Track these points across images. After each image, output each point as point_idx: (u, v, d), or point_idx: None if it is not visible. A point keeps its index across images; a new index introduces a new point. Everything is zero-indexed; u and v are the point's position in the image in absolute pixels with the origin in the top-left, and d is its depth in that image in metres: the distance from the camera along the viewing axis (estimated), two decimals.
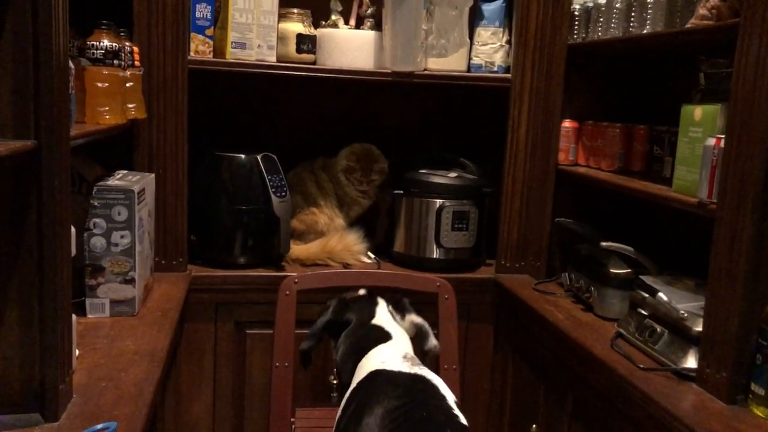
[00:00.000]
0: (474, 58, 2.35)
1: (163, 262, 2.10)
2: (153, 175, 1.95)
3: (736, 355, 1.37)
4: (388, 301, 1.64)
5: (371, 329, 1.51)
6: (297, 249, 2.30)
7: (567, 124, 2.22)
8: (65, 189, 1.18)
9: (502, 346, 2.27)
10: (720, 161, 1.43)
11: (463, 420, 1.21)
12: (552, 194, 2.25)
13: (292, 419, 1.93)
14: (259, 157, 2.19)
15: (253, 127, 2.49)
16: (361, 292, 1.74)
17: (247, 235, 2.22)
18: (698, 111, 1.59)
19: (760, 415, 1.34)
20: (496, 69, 2.33)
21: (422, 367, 1.35)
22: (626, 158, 2.06)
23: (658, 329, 1.61)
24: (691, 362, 1.49)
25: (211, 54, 2.13)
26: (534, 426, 1.94)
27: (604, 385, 1.61)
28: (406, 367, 1.33)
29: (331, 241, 2.33)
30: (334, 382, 2.23)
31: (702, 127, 1.57)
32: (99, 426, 1.11)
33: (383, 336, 1.46)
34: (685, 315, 1.53)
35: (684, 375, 1.49)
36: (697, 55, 1.78)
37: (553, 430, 1.87)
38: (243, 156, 2.20)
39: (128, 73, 1.77)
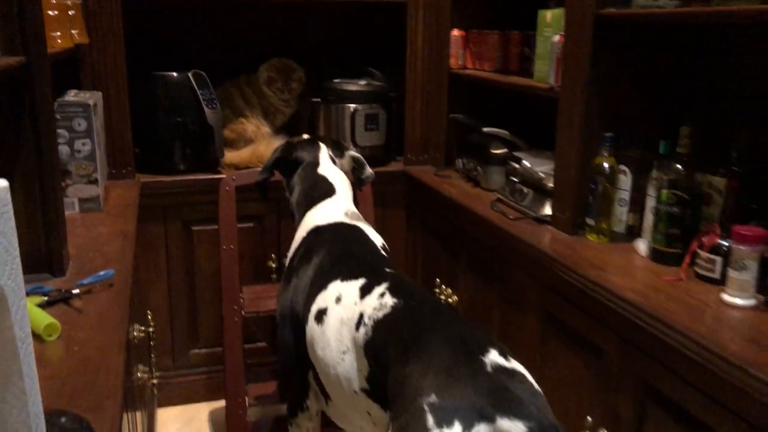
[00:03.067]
0: None
1: (113, 171, 2.40)
2: (100, 93, 2.23)
3: (576, 198, 1.85)
4: (328, 145, 1.93)
5: (318, 181, 1.80)
6: (230, 155, 2.64)
7: (456, 33, 2.60)
8: (49, 95, 1.48)
9: (413, 225, 2.72)
10: (561, 54, 1.86)
11: (381, 249, 1.62)
12: (446, 95, 2.66)
13: (240, 294, 2.33)
14: (190, 74, 2.48)
15: (184, 47, 2.76)
16: (305, 136, 2.02)
17: (186, 144, 2.54)
18: (549, 14, 2.01)
19: (592, 239, 1.82)
20: None
21: (359, 220, 1.73)
22: (504, 59, 2.47)
23: (525, 190, 2.07)
24: (547, 210, 1.96)
25: None
26: (437, 280, 2.40)
27: (487, 237, 2.07)
28: (347, 220, 1.71)
29: (260, 147, 2.67)
30: (273, 265, 2.64)
31: (552, 28, 1.98)
32: (101, 273, 1.46)
33: (329, 191, 1.78)
34: (543, 176, 1.99)
35: (542, 220, 1.97)
36: None
37: (453, 280, 2.34)
38: (176, 74, 2.49)
39: (70, 1, 2.02)
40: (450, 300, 2.31)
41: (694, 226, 1.62)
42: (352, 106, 2.65)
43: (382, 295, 1.35)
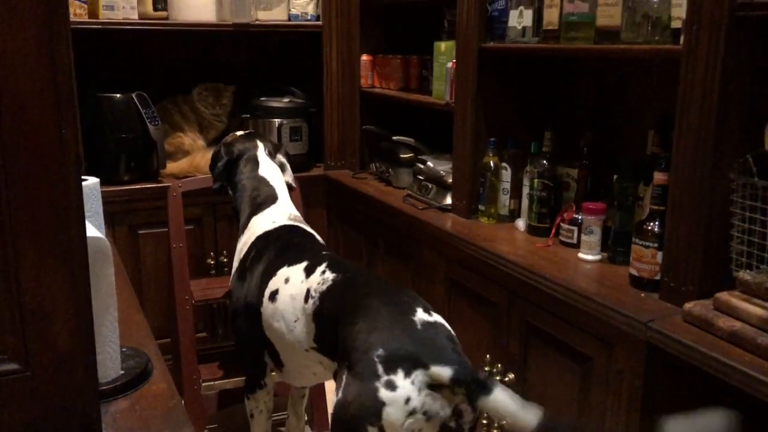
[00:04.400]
0: (292, 9, 3.09)
1: None
2: None
3: (470, 189, 2.34)
4: (265, 143, 2.09)
5: (261, 185, 1.99)
6: (170, 166, 2.96)
7: (365, 57, 3.07)
8: None
9: (333, 222, 3.14)
10: (454, 76, 2.35)
11: (321, 242, 1.94)
12: (359, 109, 3.12)
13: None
14: (134, 96, 2.80)
15: (127, 70, 3.06)
16: (238, 133, 2.15)
17: (130, 158, 2.84)
18: (443, 45, 2.50)
19: (484, 221, 2.32)
20: (309, 17, 3.10)
21: (300, 222, 1.99)
22: (406, 79, 2.95)
23: (429, 186, 2.55)
24: (448, 200, 2.45)
25: (87, 16, 2.67)
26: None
27: (400, 225, 2.53)
28: (290, 222, 1.96)
29: (196, 158, 3.01)
30: (211, 262, 2.98)
31: (445, 56, 2.48)
32: None
33: (272, 196, 1.98)
34: (444, 173, 2.48)
35: (444, 209, 2.45)
36: (443, 7, 2.68)
37: (373, 265, 2.78)
38: (119, 95, 2.80)
39: None
40: None
41: (557, 205, 2.14)
42: (278, 120, 3.05)
43: (323, 272, 1.65)
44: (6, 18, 0.84)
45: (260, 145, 2.09)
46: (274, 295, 1.75)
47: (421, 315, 1.42)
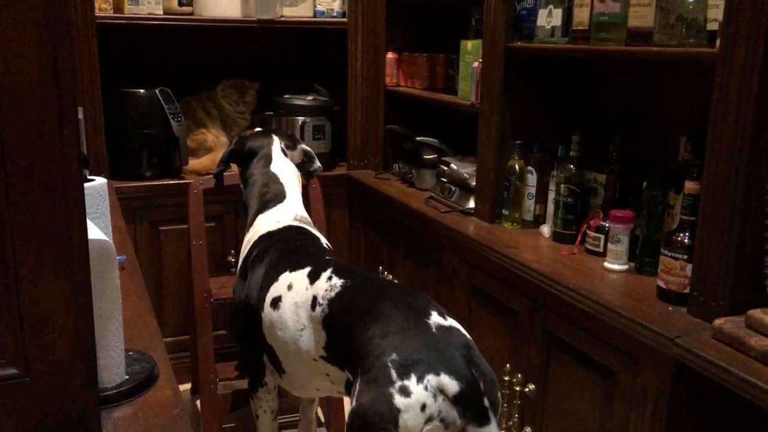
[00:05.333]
0: (318, 6, 3.06)
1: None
2: (82, 108, 2.51)
3: (494, 194, 2.28)
4: (281, 137, 2.03)
5: (271, 182, 1.93)
6: (192, 162, 2.95)
7: (390, 55, 3.02)
8: None
9: (355, 222, 3.11)
10: (480, 76, 2.29)
11: (326, 245, 1.84)
12: (383, 108, 3.07)
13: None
14: (157, 91, 2.79)
15: (150, 66, 3.06)
16: (257, 129, 2.15)
17: (153, 153, 2.84)
18: (469, 44, 2.45)
19: (507, 226, 2.26)
20: (335, 14, 3.06)
21: (307, 224, 1.91)
22: (432, 79, 2.90)
23: (452, 188, 2.49)
24: (471, 204, 2.39)
25: (112, 10, 2.67)
26: (380, 267, 2.80)
27: (422, 228, 2.48)
28: (295, 224, 1.88)
29: (218, 155, 2.97)
30: (232, 260, 2.96)
31: (472, 55, 2.42)
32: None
33: (280, 194, 1.92)
34: (467, 176, 2.42)
35: (467, 212, 2.39)
36: (471, 5, 2.62)
37: (394, 266, 2.74)
38: (143, 90, 2.79)
39: None
40: None
41: (584, 212, 2.08)
42: (301, 118, 3.02)
43: (330, 278, 1.56)
44: (7, 19, 0.82)
45: (275, 140, 2.04)
46: (276, 302, 1.67)
47: (435, 318, 1.37)
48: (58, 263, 0.91)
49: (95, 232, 1.07)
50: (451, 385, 1.26)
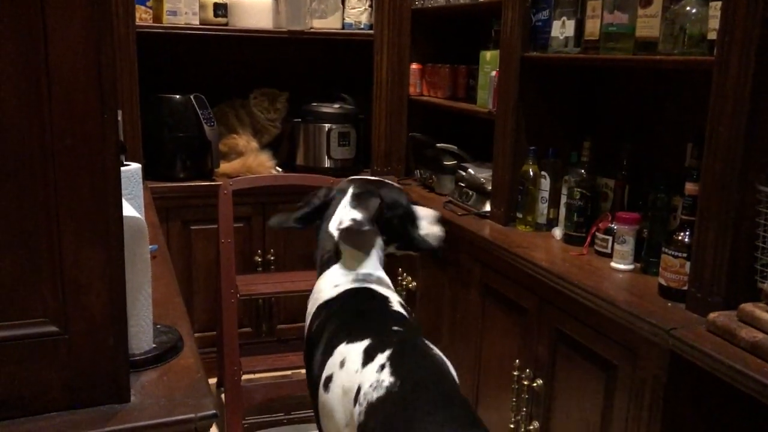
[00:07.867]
0: (346, 18, 3.19)
1: None
2: (121, 111, 2.67)
3: (508, 197, 2.37)
4: (356, 186, 1.71)
5: (327, 237, 1.66)
6: (223, 166, 3.09)
7: (414, 66, 3.14)
8: None
9: None
10: (497, 85, 2.39)
11: (400, 310, 1.55)
12: (406, 116, 3.18)
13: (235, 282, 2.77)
14: (192, 97, 2.94)
15: (186, 73, 3.22)
16: (352, 177, 1.81)
17: (186, 156, 2.99)
18: (488, 54, 2.55)
19: (521, 229, 2.34)
20: (362, 26, 3.19)
21: (376, 282, 1.61)
22: (453, 88, 3.00)
23: (470, 192, 2.59)
24: (487, 207, 2.48)
25: (152, 20, 2.83)
26: (399, 269, 2.89)
27: None
28: (355, 285, 1.59)
29: (249, 159, 3.13)
30: (259, 259, 3.09)
31: (490, 65, 2.52)
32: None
33: (335, 254, 1.64)
34: (484, 181, 2.51)
35: (483, 215, 2.48)
36: (492, 17, 2.72)
37: (412, 269, 2.83)
38: (178, 96, 2.94)
39: None
40: (410, 286, 2.80)
41: (594, 215, 2.15)
42: (327, 125, 3.14)
43: (382, 367, 1.31)
44: (59, 19, 0.94)
45: (349, 190, 1.71)
46: (328, 383, 1.43)
47: None
48: (96, 234, 1.03)
49: (129, 209, 1.19)
50: None
